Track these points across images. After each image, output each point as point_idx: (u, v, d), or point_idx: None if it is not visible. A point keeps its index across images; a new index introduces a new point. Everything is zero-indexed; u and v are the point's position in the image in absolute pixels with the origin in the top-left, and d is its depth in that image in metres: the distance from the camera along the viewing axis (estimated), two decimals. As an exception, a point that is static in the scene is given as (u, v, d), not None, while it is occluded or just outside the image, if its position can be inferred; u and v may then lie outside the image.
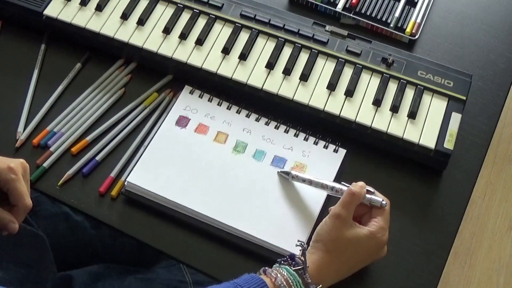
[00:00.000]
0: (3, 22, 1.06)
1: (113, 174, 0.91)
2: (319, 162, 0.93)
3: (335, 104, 0.96)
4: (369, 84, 0.99)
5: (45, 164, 0.92)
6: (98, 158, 0.93)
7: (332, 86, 0.98)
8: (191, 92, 0.98)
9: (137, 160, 0.92)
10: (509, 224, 1.84)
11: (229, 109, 0.97)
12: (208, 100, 0.97)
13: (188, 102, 0.97)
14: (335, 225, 0.80)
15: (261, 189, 0.90)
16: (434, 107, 0.97)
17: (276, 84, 0.98)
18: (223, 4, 1.04)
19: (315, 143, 0.95)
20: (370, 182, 0.94)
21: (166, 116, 0.96)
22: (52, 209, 0.98)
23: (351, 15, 1.08)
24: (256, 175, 0.91)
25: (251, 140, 0.94)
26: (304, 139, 0.95)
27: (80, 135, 0.95)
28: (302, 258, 0.78)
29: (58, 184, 0.91)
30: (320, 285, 0.77)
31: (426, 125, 0.95)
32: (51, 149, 0.93)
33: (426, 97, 0.98)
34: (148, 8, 1.03)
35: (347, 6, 1.09)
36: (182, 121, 0.95)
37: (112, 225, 0.89)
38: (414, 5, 1.10)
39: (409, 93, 0.98)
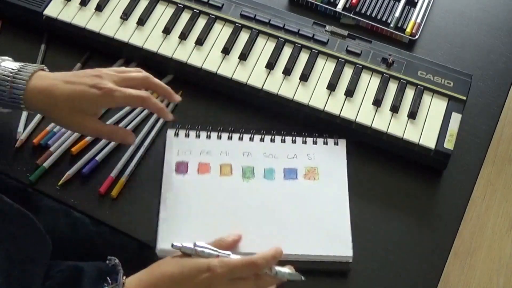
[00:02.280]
0: (3, 22, 1.06)
1: (113, 174, 0.91)
2: (327, 159, 0.93)
3: (335, 104, 0.96)
4: (369, 84, 0.99)
5: (45, 164, 0.92)
6: (98, 158, 0.93)
7: (332, 86, 0.98)
8: (176, 134, 0.93)
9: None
10: (509, 224, 1.84)
11: (220, 138, 0.94)
12: (196, 137, 0.94)
13: (178, 146, 0.93)
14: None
15: (286, 206, 0.88)
16: (434, 107, 0.97)
17: (276, 84, 0.98)
18: (223, 4, 1.04)
19: (314, 142, 0.95)
20: (370, 182, 0.94)
21: (163, 165, 0.91)
22: (53, 205, 0.98)
23: (351, 15, 1.08)
24: (275, 195, 0.89)
25: (255, 161, 0.92)
26: (302, 143, 0.95)
27: (80, 135, 0.95)
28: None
29: (58, 184, 0.91)
30: None
31: (426, 125, 0.95)
32: (51, 149, 0.93)
33: (426, 97, 0.98)
34: (148, 8, 1.03)
35: (347, 6, 1.09)
36: (181, 167, 0.91)
37: (112, 225, 0.89)
38: (414, 5, 1.10)
39: (409, 93, 0.98)
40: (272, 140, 0.94)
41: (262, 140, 0.94)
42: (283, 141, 0.94)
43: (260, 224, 0.87)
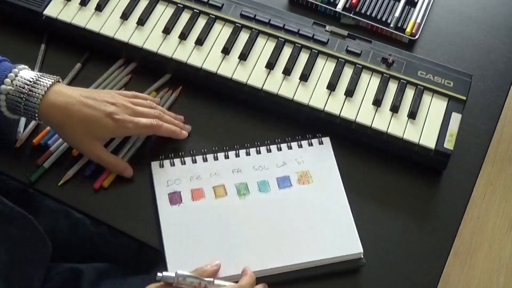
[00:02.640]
0: (3, 21, 1.05)
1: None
2: (316, 161, 0.93)
3: (335, 104, 0.96)
4: (369, 84, 0.99)
5: (45, 164, 0.92)
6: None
7: (332, 86, 0.98)
8: (161, 165, 0.91)
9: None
10: (509, 224, 1.84)
11: (206, 161, 0.92)
12: (182, 164, 0.92)
13: (166, 177, 0.91)
14: None
15: (288, 216, 0.88)
16: (434, 107, 0.97)
17: (276, 84, 0.98)
18: (223, 4, 1.04)
19: (300, 146, 0.94)
20: (370, 182, 0.94)
21: (156, 198, 0.90)
22: (53, 205, 0.98)
23: (351, 15, 1.08)
24: (274, 206, 0.89)
25: (246, 177, 0.91)
26: (288, 149, 0.94)
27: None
28: None
29: (59, 184, 0.91)
30: None
31: (426, 125, 0.95)
32: (51, 149, 0.93)
33: (426, 97, 0.98)
34: (148, 8, 1.03)
35: (347, 6, 1.09)
36: (175, 198, 0.89)
37: (113, 225, 0.89)
38: (414, 5, 1.10)
39: (409, 93, 0.98)
40: (258, 152, 0.94)
41: (248, 154, 0.93)
42: (269, 150, 0.94)
43: (266, 239, 0.86)
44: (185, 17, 1.03)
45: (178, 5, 1.04)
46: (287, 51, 1.01)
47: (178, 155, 0.93)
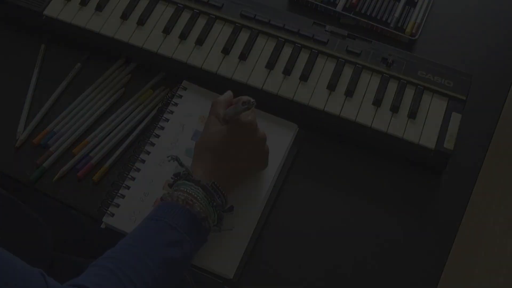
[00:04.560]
0: (3, 21, 1.05)
1: (93, 161, 0.93)
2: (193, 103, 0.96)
3: (335, 104, 0.96)
4: (369, 84, 0.99)
5: (45, 164, 0.92)
6: (92, 154, 0.93)
7: (332, 86, 0.98)
8: (111, 215, 0.88)
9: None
10: (509, 224, 1.84)
11: (134, 179, 0.90)
12: (122, 197, 0.89)
13: (126, 217, 0.88)
14: (204, 130, 0.86)
15: None
16: (434, 107, 0.97)
17: (276, 84, 0.98)
18: (223, 4, 1.04)
19: (175, 104, 0.96)
20: (370, 182, 0.94)
21: None
22: (53, 204, 0.98)
23: (351, 15, 1.08)
24: None
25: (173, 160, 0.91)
26: (170, 113, 0.96)
27: (80, 135, 0.95)
28: (181, 167, 0.81)
29: (53, 180, 0.91)
30: (213, 181, 0.80)
31: (426, 125, 0.95)
32: (51, 149, 0.93)
33: (426, 97, 0.98)
34: (148, 8, 1.03)
35: (347, 6, 1.09)
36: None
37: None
38: (414, 5, 1.10)
39: (409, 93, 0.98)
40: (157, 136, 0.93)
41: (152, 144, 0.93)
42: (162, 127, 0.94)
43: None
44: (185, 17, 1.03)
45: (178, 5, 1.04)
46: (287, 51, 1.01)
47: (112, 193, 0.89)
